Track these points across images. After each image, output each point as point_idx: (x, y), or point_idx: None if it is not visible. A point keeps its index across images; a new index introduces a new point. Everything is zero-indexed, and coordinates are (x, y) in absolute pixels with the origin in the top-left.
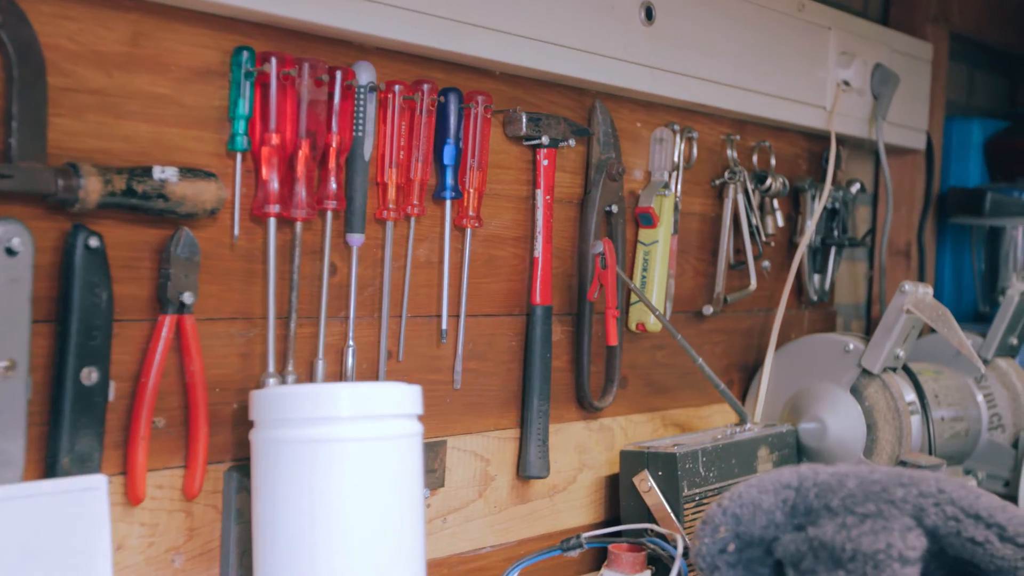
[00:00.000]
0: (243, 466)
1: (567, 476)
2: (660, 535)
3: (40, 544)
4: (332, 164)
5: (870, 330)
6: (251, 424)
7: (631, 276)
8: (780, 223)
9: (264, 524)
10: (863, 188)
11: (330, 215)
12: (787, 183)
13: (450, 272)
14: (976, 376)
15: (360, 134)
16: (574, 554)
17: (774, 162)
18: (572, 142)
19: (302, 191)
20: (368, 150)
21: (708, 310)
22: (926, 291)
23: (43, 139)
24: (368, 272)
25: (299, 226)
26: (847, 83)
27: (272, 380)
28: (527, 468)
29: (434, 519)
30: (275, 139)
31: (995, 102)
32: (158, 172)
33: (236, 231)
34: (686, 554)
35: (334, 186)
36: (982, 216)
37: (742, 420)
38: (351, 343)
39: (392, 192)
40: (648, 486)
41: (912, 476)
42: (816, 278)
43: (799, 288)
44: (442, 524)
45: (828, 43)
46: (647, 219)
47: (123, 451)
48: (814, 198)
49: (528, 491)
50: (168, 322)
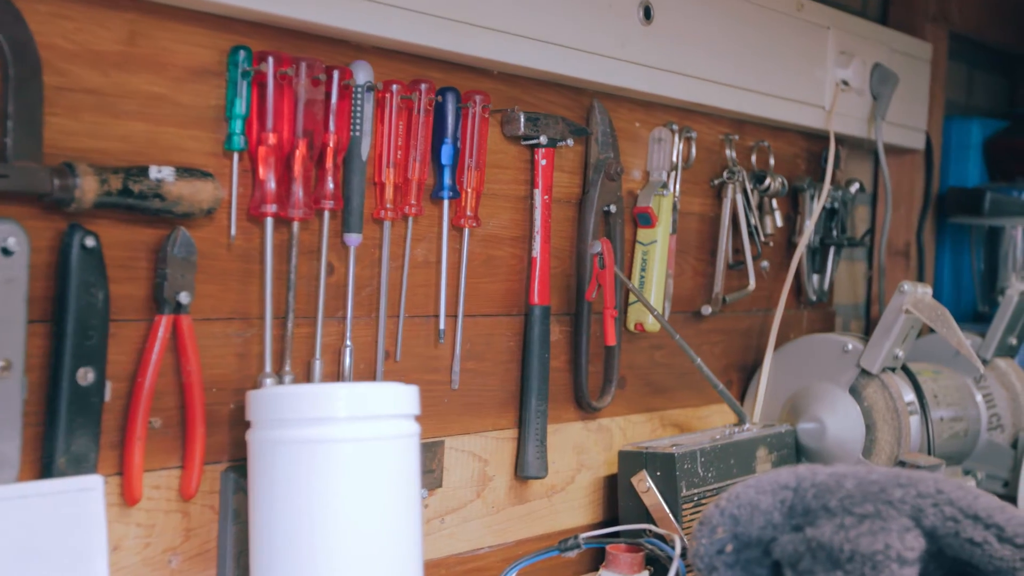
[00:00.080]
0: (240, 466)
1: (565, 476)
2: (658, 535)
3: (36, 545)
4: (329, 164)
5: (869, 330)
6: (248, 424)
7: (629, 276)
8: (779, 223)
9: (261, 525)
10: (862, 188)
11: (327, 215)
12: (786, 183)
13: (448, 272)
14: (975, 376)
15: (357, 134)
16: (572, 554)
17: (773, 162)
18: (570, 142)
19: (299, 191)
20: (365, 150)
21: (707, 310)
22: (925, 291)
23: (39, 138)
24: (366, 272)
25: (296, 226)
26: (846, 83)
27: (269, 380)
28: (525, 468)
29: (432, 519)
30: (272, 139)
31: (994, 102)
32: (154, 172)
33: (233, 231)
34: (684, 555)
35: (331, 186)
36: (981, 216)
37: (741, 420)
38: (348, 343)
39: (390, 192)
40: (646, 486)
41: (910, 476)
42: (815, 278)
43: (798, 288)
44: (440, 524)
45: (827, 42)
46: (645, 219)
47: (119, 451)
48: (813, 198)
49: (526, 491)
50: (164, 322)
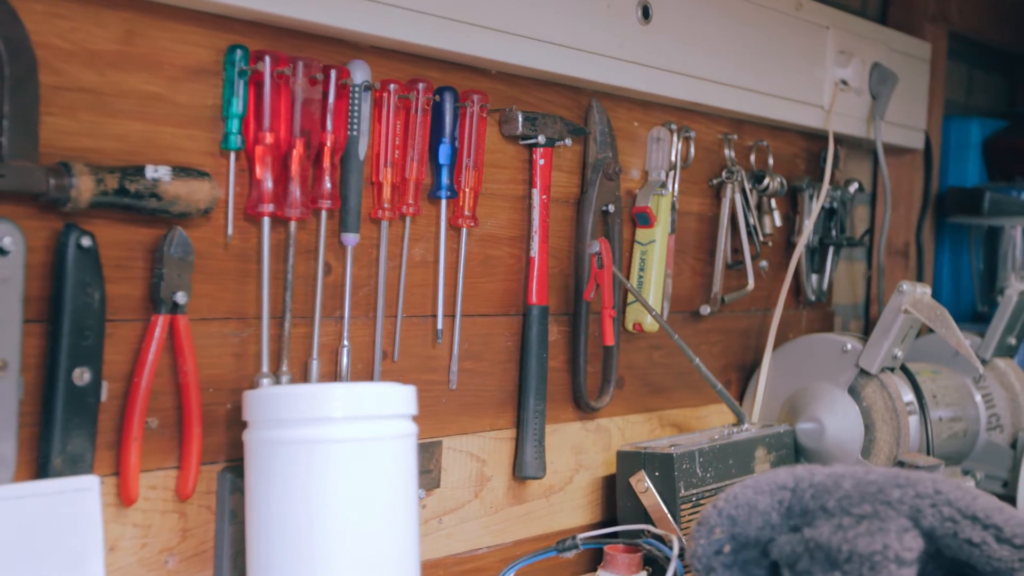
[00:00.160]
0: (237, 467)
1: (563, 477)
2: (656, 536)
3: (32, 545)
4: (327, 163)
5: (868, 330)
6: (245, 424)
7: (628, 276)
8: (778, 223)
9: (258, 525)
10: (861, 188)
11: (324, 214)
12: (785, 183)
13: (446, 272)
14: (974, 376)
15: (355, 133)
16: (570, 555)
17: (772, 161)
18: (568, 141)
19: (296, 190)
20: (363, 149)
21: (705, 310)
22: (924, 291)
23: (35, 138)
24: (363, 272)
25: (293, 225)
26: (845, 82)
27: (266, 380)
28: (523, 469)
29: (430, 520)
30: (269, 138)
31: (994, 101)
32: (151, 171)
33: (230, 230)
34: (682, 555)
35: (329, 185)
36: (981, 216)
37: (739, 420)
38: (346, 343)
39: (387, 191)
40: (645, 487)
41: (908, 477)
42: (814, 278)
43: (797, 288)
44: (438, 525)
45: (826, 42)
46: (644, 219)
47: (116, 452)
48: (812, 198)
49: (524, 492)
50: (161, 322)
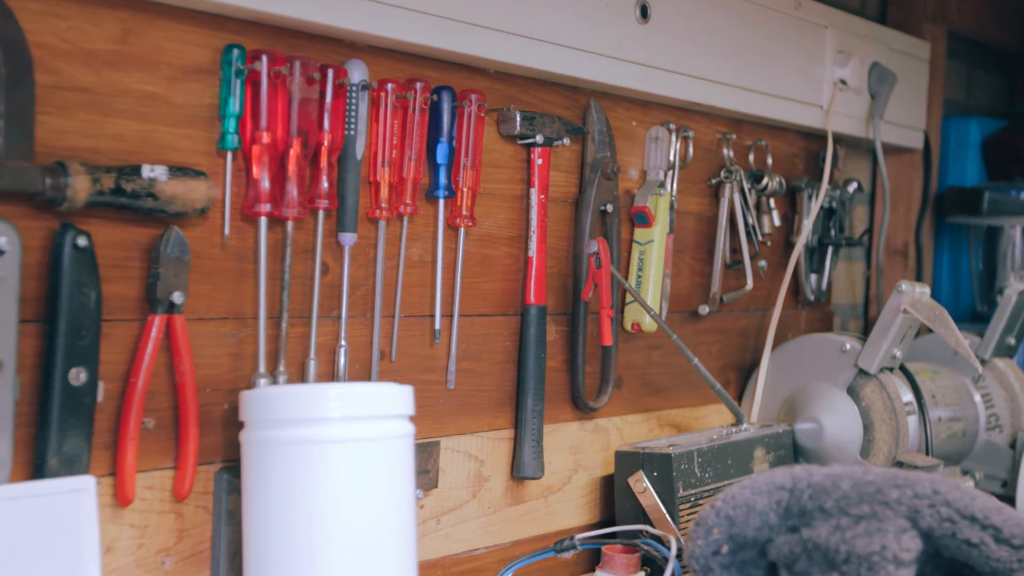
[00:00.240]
0: (234, 467)
1: (562, 477)
2: (655, 536)
3: (28, 546)
4: (324, 163)
5: (867, 330)
6: (242, 425)
7: (626, 276)
8: (777, 222)
9: (255, 525)
10: (860, 187)
11: (322, 214)
12: (784, 182)
13: (443, 272)
14: (974, 376)
15: (352, 133)
16: (568, 555)
17: (770, 161)
18: (567, 141)
19: (293, 190)
20: (360, 149)
21: (704, 310)
22: (923, 291)
23: (30, 137)
24: (360, 272)
25: (290, 225)
26: (844, 82)
27: (263, 380)
28: (521, 469)
29: (427, 520)
30: (266, 138)
31: (993, 101)
32: (147, 171)
33: (227, 230)
34: (680, 555)
35: (326, 185)
36: (980, 215)
37: (738, 420)
38: (343, 343)
39: (385, 191)
40: (643, 487)
41: (907, 477)
42: (813, 278)
43: (796, 288)
44: (436, 525)
45: (825, 41)
46: (642, 218)
47: (112, 452)
48: (811, 197)
49: (522, 492)
50: (158, 322)
